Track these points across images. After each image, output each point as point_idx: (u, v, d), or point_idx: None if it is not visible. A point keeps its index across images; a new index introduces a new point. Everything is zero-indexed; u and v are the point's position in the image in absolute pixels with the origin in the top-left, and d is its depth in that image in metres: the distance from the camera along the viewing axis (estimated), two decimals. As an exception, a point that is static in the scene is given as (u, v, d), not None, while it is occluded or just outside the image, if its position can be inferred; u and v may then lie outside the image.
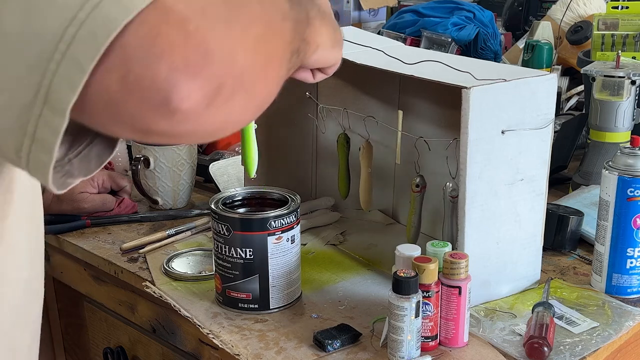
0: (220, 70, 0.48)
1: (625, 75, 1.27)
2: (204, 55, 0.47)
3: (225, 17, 0.49)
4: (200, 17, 0.47)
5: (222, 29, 0.48)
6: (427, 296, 0.89)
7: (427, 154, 1.08)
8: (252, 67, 0.51)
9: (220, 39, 0.48)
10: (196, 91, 0.47)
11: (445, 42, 1.66)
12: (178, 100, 0.47)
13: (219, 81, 0.49)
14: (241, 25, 0.50)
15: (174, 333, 1.08)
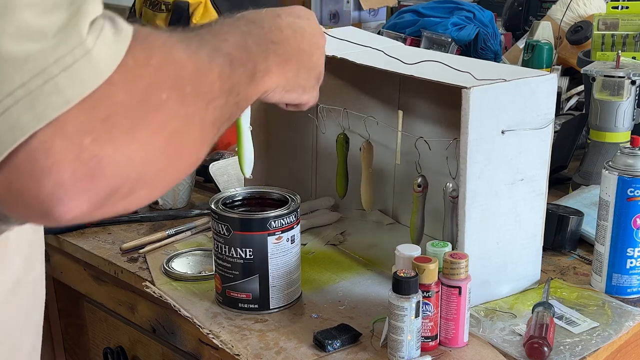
0: (113, 181, 0.49)
1: (625, 75, 1.27)
2: (96, 168, 0.48)
3: (130, 124, 0.49)
4: (100, 129, 0.48)
5: (123, 138, 0.49)
6: (427, 296, 0.89)
7: (427, 154, 1.08)
8: (157, 165, 0.52)
9: (118, 149, 0.49)
10: (81, 204, 0.48)
11: (445, 42, 1.66)
12: (60, 213, 0.48)
13: (112, 189, 0.50)
14: (149, 130, 0.51)
15: (174, 333, 1.08)
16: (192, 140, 0.56)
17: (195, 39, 0.60)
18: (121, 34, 0.50)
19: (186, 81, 0.54)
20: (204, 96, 0.56)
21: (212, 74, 0.58)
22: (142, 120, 0.50)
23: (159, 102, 0.51)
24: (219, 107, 0.58)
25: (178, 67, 0.54)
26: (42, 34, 0.47)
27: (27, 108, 0.45)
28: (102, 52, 0.48)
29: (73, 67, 0.47)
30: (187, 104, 0.54)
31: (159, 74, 0.52)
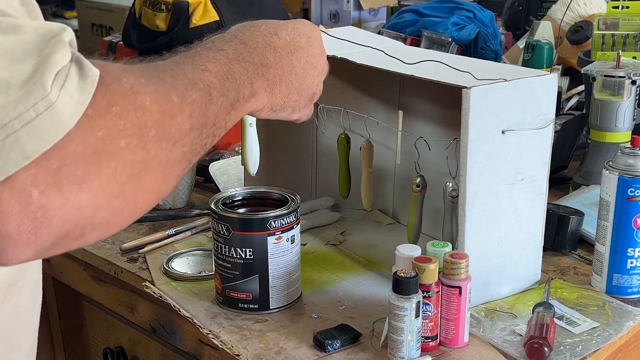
0: (60, 230, 0.50)
1: (626, 75, 1.27)
2: (42, 220, 0.49)
3: (82, 175, 0.50)
4: (49, 181, 0.49)
5: (72, 189, 0.50)
6: (427, 296, 0.89)
7: (427, 154, 1.08)
8: (110, 210, 0.53)
9: (67, 200, 0.50)
10: (27, 252, 0.50)
11: (445, 42, 1.66)
12: (6, 261, 0.49)
13: (60, 236, 0.51)
14: (101, 179, 0.51)
15: (173, 333, 1.08)
16: (151, 181, 0.56)
17: (170, 75, 0.60)
18: (87, 81, 0.51)
19: (149, 126, 0.55)
20: (170, 137, 0.57)
21: (182, 115, 0.58)
22: (95, 169, 0.51)
23: (116, 150, 0.52)
24: (188, 143, 0.59)
25: (141, 113, 0.54)
26: (7, 86, 0.47)
27: None
28: (65, 104, 0.49)
29: (35, 121, 0.48)
30: (149, 149, 0.55)
31: (119, 122, 0.52)
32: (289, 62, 0.77)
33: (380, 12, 2.37)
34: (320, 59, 0.83)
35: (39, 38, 0.50)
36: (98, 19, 2.27)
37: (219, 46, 0.70)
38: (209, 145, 0.64)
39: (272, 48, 0.75)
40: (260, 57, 0.73)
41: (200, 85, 0.62)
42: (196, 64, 0.64)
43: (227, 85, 0.66)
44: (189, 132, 0.59)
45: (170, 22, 1.57)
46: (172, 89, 0.58)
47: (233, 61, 0.68)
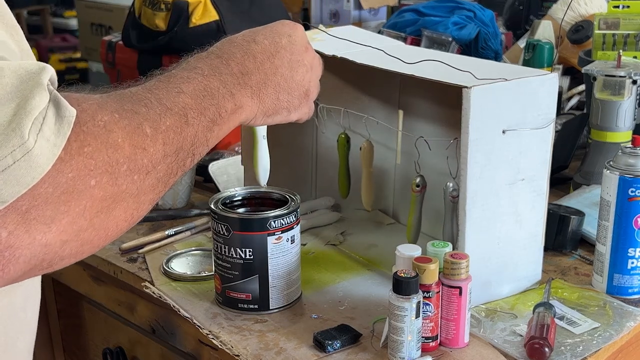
0: (28, 265, 0.52)
1: (627, 75, 1.26)
2: (10, 258, 0.51)
3: (50, 215, 0.52)
4: (18, 222, 0.51)
5: (40, 228, 0.52)
6: (428, 296, 0.89)
7: (428, 153, 1.08)
8: (78, 242, 0.55)
9: (35, 239, 0.52)
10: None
11: (445, 41, 1.65)
12: None
13: (28, 270, 0.53)
14: (69, 218, 0.53)
15: (173, 333, 1.08)
16: (122, 212, 0.59)
17: (144, 104, 0.61)
18: (63, 122, 0.52)
19: (121, 162, 0.57)
20: (142, 169, 0.59)
21: (154, 145, 0.60)
22: (64, 209, 0.53)
23: (85, 189, 0.54)
24: (162, 169, 0.61)
25: (113, 150, 0.56)
26: None
27: None
28: (42, 149, 0.50)
29: (11, 168, 0.49)
30: (120, 183, 0.57)
31: (90, 162, 0.54)
32: (271, 64, 0.77)
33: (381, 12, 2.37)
34: (306, 54, 0.83)
35: (18, 80, 0.52)
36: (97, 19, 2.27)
37: (193, 65, 0.71)
38: (189, 165, 0.66)
39: (251, 55, 0.76)
40: (239, 66, 0.73)
41: (174, 110, 0.63)
42: (170, 87, 0.65)
43: (204, 103, 0.67)
44: (162, 159, 0.61)
45: (169, 21, 1.57)
46: (145, 120, 0.60)
47: (209, 77, 0.69)
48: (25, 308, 0.74)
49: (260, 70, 0.76)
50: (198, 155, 0.67)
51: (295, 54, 0.81)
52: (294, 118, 0.84)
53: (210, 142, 0.68)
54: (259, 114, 0.76)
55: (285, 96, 0.79)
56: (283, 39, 0.80)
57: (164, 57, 1.62)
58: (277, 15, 1.63)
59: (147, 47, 1.64)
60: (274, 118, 0.80)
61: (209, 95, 0.68)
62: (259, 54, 0.76)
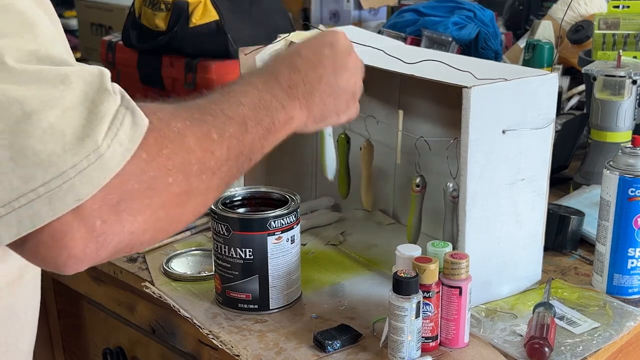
0: (116, 249, 0.61)
1: (626, 75, 1.26)
2: (102, 243, 0.59)
3: (137, 207, 0.60)
4: (110, 213, 0.59)
5: (128, 219, 0.60)
6: (428, 296, 0.89)
7: (428, 153, 1.08)
8: (156, 230, 0.64)
9: (124, 228, 0.60)
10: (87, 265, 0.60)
11: (445, 41, 1.65)
12: (69, 272, 0.60)
13: (114, 253, 0.61)
14: (151, 210, 0.62)
15: (173, 333, 1.08)
16: (192, 206, 0.67)
17: (210, 115, 0.70)
18: (137, 130, 0.60)
19: (193, 163, 0.65)
20: (209, 169, 0.67)
21: (220, 149, 0.69)
22: (147, 202, 0.61)
23: (165, 186, 0.62)
24: (225, 170, 0.70)
25: (186, 153, 0.64)
26: (63, 135, 0.56)
27: (46, 203, 0.56)
28: (114, 153, 0.58)
29: (86, 170, 0.57)
30: (192, 182, 0.65)
31: (168, 163, 0.62)
32: (315, 75, 0.84)
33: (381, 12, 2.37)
34: (349, 59, 0.88)
35: (84, 85, 0.58)
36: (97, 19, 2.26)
37: (249, 80, 0.80)
38: (246, 168, 0.75)
39: (296, 69, 0.83)
40: (287, 81, 0.81)
41: (236, 119, 0.72)
42: (231, 100, 0.74)
43: (260, 115, 0.75)
44: (226, 162, 0.69)
45: (169, 21, 1.57)
46: (213, 127, 0.68)
47: (263, 92, 0.77)
48: (26, 308, 0.75)
49: (305, 82, 0.83)
50: (254, 160, 0.76)
51: (338, 61, 0.87)
52: (344, 119, 0.90)
53: (265, 148, 0.77)
54: (309, 122, 0.84)
55: (332, 101, 0.86)
56: (325, 48, 0.87)
57: (164, 57, 1.62)
58: (277, 16, 1.63)
59: (147, 47, 1.64)
60: (325, 122, 0.88)
61: (264, 108, 0.76)
62: (303, 67, 0.84)
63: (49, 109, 0.56)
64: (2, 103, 0.55)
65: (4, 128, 0.55)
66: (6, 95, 0.55)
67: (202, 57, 1.55)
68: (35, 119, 0.55)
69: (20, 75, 0.56)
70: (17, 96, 0.55)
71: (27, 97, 0.56)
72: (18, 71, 0.56)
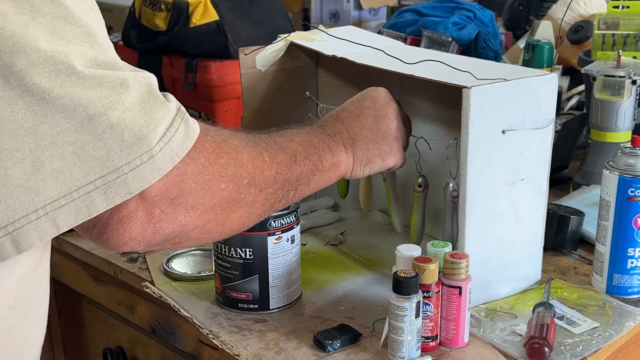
0: (167, 236, 0.69)
1: (626, 75, 1.27)
2: (158, 229, 0.68)
3: (191, 204, 0.69)
4: (168, 204, 0.67)
5: (183, 212, 0.68)
6: (428, 296, 0.89)
7: (428, 154, 1.08)
8: (203, 230, 0.72)
9: (177, 219, 0.68)
10: (142, 247, 0.68)
11: (445, 41, 1.65)
12: (125, 250, 0.68)
13: (165, 240, 0.69)
14: (204, 208, 0.70)
15: (173, 333, 1.08)
16: (238, 216, 0.75)
17: (264, 142, 0.80)
18: (188, 139, 0.67)
19: (244, 176, 0.74)
20: (258, 185, 0.76)
21: (270, 170, 0.78)
22: (201, 201, 0.69)
23: (217, 190, 0.71)
24: (271, 192, 0.79)
25: (239, 166, 0.74)
26: (120, 134, 0.62)
27: (102, 194, 0.62)
28: (164, 156, 0.64)
29: (139, 168, 0.63)
30: (241, 192, 0.74)
31: (222, 170, 0.71)
32: (357, 123, 0.94)
33: (381, 12, 2.37)
34: (389, 108, 0.98)
35: (141, 88, 0.64)
36: (98, 19, 2.26)
37: (298, 128, 0.90)
38: (291, 199, 0.84)
39: (340, 120, 0.95)
40: (332, 129, 0.93)
41: (287, 150, 0.82)
42: (284, 136, 0.85)
43: (309, 152, 0.86)
44: (273, 183, 0.79)
45: (170, 21, 1.57)
46: (265, 151, 0.79)
47: (312, 135, 0.89)
48: (40, 302, 0.76)
49: (349, 129, 0.94)
50: (300, 192, 0.85)
51: (378, 110, 0.96)
52: (390, 164, 0.98)
53: (311, 184, 0.86)
54: (355, 165, 0.94)
55: (375, 146, 0.95)
56: (366, 101, 0.97)
57: (164, 57, 1.62)
58: (277, 16, 1.63)
59: (147, 47, 1.64)
60: (372, 167, 0.96)
61: (313, 147, 0.87)
62: (345, 118, 0.95)
63: (110, 110, 0.62)
64: (69, 106, 0.60)
65: (70, 127, 0.61)
66: (73, 99, 0.61)
67: (202, 57, 1.55)
68: (97, 120, 0.61)
69: (86, 79, 0.61)
70: (82, 99, 0.61)
71: (91, 101, 0.61)
72: (84, 75, 0.61)
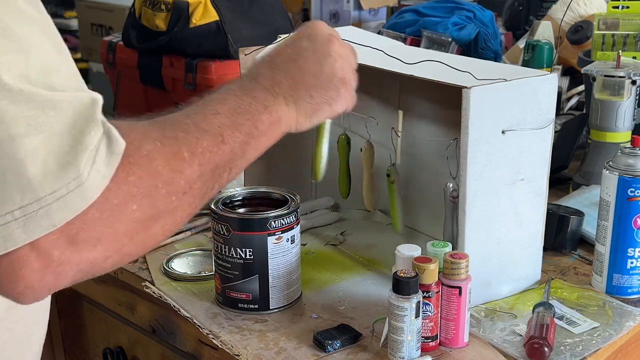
0: (75, 278, 0.60)
1: (626, 75, 1.27)
2: (60, 273, 0.58)
3: (97, 236, 0.58)
4: (69, 242, 0.57)
5: (88, 248, 0.58)
6: (428, 296, 0.89)
7: (428, 154, 1.08)
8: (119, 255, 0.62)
9: (82, 257, 0.58)
10: (44, 296, 0.60)
11: (445, 41, 1.65)
12: (26, 302, 0.60)
13: (73, 282, 0.61)
14: (113, 237, 0.60)
15: (173, 333, 1.08)
16: (160, 228, 0.64)
17: (182, 130, 0.67)
18: (113, 156, 0.58)
19: (160, 187, 0.62)
20: (179, 190, 0.64)
21: (191, 167, 0.65)
22: (109, 231, 0.59)
23: (128, 212, 0.60)
24: (198, 187, 0.67)
25: (153, 177, 0.62)
26: (44, 161, 0.55)
27: (21, 226, 0.55)
28: (93, 180, 0.56)
29: (65, 197, 0.55)
30: (158, 205, 0.62)
31: (133, 189, 0.60)
32: (296, 68, 0.81)
33: (380, 12, 2.37)
34: (330, 46, 0.84)
35: (74, 113, 0.57)
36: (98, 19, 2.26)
37: (227, 87, 0.76)
38: (227, 179, 0.71)
39: (276, 66, 0.80)
40: (267, 80, 0.78)
41: (211, 131, 0.69)
42: (207, 110, 0.71)
43: (239, 120, 0.72)
44: (198, 178, 0.66)
45: (170, 21, 1.57)
46: (184, 145, 0.65)
47: (241, 96, 0.74)
48: (41, 304, 0.75)
49: (287, 77, 0.79)
50: (236, 169, 0.72)
51: (319, 50, 0.83)
52: (339, 109, 0.85)
53: (247, 154, 0.73)
54: (300, 118, 0.80)
55: (320, 92, 0.82)
56: (303, 41, 0.83)
57: (164, 57, 1.62)
58: (277, 16, 1.63)
59: (147, 47, 1.64)
60: (319, 116, 0.83)
61: (243, 112, 0.73)
62: (282, 63, 0.81)
63: (35, 133, 0.55)
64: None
65: None
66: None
67: (202, 57, 1.55)
68: (19, 142, 0.54)
69: (13, 93, 0.55)
70: (6, 115, 0.54)
71: (14, 119, 0.54)
72: (12, 89, 0.55)
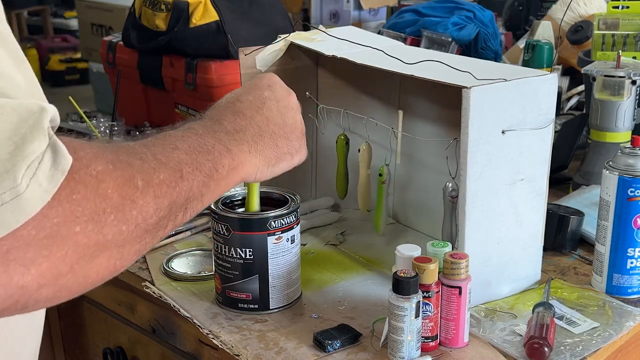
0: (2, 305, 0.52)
1: (626, 75, 1.27)
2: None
3: (31, 258, 0.51)
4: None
5: (19, 270, 0.51)
6: (427, 296, 0.89)
7: (428, 154, 1.08)
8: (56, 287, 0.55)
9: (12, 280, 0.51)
10: None
11: (445, 41, 1.65)
12: None
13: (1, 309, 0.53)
14: (50, 262, 0.53)
15: (173, 333, 1.08)
16: (104, 260, 0.58)
17: (139, 157, 0.62)
18: (58, 170, 0.52)
19: (108, 212, 0.56)
20: (130, 220, 0.58)
21: (144, 198, 0.60)
22: (45, 253, 0.52)
23: (69, 235, 0.53)
24: (153, 222, 0.61)
25: (101, 199, 0.55)
26: None
27: None
28: (32, 193, 0.50)
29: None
30: (105, 232, 0.56)
31: (76, 209, 0.54)
32: (261, 117, 0.80)
33: (380, 12, 2.37)
34: (290, 98, 0.86)
35: (18, 119, 0.52)
36: (98, 19, 2.26)
37: (187, 126, 0.72)
38: (181, 220, 0.66)
39: (240, 113, 0.78)
40: (232, 125, 0.76)
41: (169, 164, 0.64)
42: (166, 144, 0.66)
43: (199, 159, 0.68)
44: (154, 212, 0.61)
45: (170, 22, 1.57)
46: (138, 173, 0.60)
47: (204, 136, 0.71)
48: (33, 314, 0.74)
49: (252, 124, 0.78)
50: (191, 210, 0.68)
51: (280, 101, 0.84)
52: (297, 161, 0.86)
53: (205, 198, 0.69)
54: (262, 166, 0.79)
55: (284, 142, 0.82)
56: (264, 91, 0.83)
57: (164, 58, 1.62)
58: (277, 16, 1.63)
59: (147, 47, 1.64)
60: (280, 166, 0.82)
61: (205, 152, 0.69)
62: (247, 110, 0.79)
63: None
64: None
65: None
66: None
67: (202, 57, 1.55)
68: None
69: None
70: None
71: None
72: None
